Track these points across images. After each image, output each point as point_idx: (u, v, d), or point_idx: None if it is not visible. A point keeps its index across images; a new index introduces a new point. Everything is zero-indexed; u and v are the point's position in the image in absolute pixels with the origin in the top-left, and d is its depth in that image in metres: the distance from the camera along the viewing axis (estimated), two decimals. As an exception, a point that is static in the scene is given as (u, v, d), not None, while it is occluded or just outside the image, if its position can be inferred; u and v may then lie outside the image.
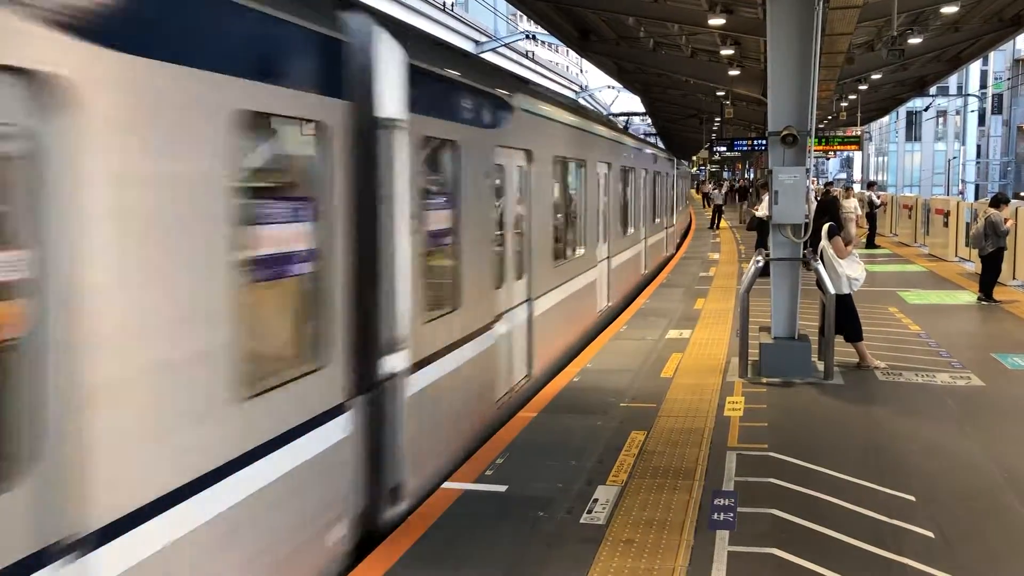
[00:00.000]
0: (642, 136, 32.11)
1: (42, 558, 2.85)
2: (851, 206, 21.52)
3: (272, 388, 4.17)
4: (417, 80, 5.58)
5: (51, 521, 2.89)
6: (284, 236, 4.41)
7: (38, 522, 2.84)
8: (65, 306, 2.94)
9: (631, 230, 16.20)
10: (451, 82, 6.58)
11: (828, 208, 9.89)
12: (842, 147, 32.81)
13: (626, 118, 33.44)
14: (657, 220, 21.24)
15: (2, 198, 2.86)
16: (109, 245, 3.12)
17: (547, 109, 9.64)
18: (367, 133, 5.03)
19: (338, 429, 4.75)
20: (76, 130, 2.95)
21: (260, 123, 4.17)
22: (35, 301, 2.88)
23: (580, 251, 11.37)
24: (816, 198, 10.77)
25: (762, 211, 16.61)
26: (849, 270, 9.33)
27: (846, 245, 9.50)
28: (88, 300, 3.02)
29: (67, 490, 2.94)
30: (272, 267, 4.34)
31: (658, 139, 53.63)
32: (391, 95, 5.20)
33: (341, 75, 4.79)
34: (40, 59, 2.82)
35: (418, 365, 5.69)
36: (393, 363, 5.26)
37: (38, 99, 2.84)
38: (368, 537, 5.10)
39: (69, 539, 2.94)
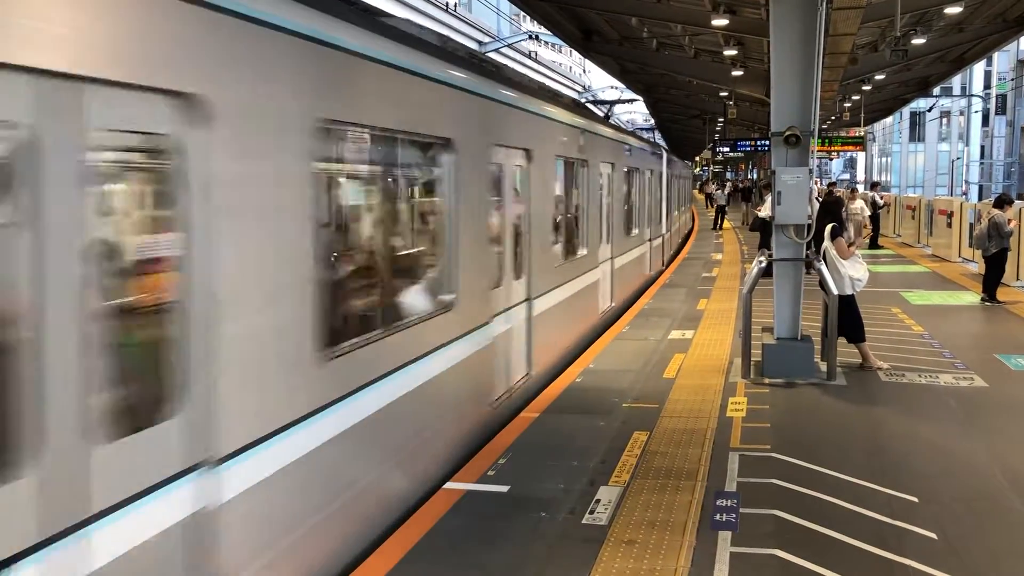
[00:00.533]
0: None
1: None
2: (857, 207, 21.29)
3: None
4: None
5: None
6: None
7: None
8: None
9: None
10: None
11: (831, 209, 9.88)
12: (845, 148, 32.82)
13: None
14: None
15: None
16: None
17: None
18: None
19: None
20: None
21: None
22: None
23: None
24: (819, 198, 10.75)
25: (765, 212, 16.61)
26: (852, 271, 9.32)
27: (848, 246, 9.50)
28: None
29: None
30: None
31: (655, 133, 53.56)
32: None
33: None
34: None
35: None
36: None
37: None
38: None
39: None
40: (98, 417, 3.12)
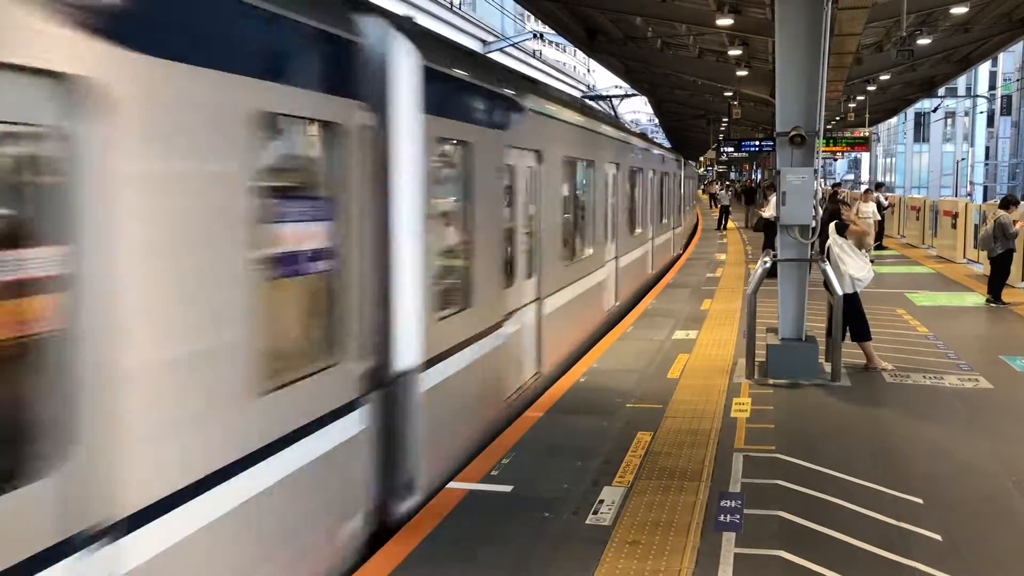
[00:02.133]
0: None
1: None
2: (869, 211, 20.31)
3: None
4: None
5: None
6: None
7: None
8: None
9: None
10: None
11: (835, 215, 9.96)
12: (850, 148, 32.72)
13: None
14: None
15: None
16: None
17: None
18: None
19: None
20: None
21: None
22: None
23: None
24: (824, 199, 10.75)
25: (769, 212, 16.58)
26: (853, 269, 9.29)
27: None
28: None
29: None
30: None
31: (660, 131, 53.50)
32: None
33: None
34: None
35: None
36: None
37: None
38: None
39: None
40: None
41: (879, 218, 21.79)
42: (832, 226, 9.61)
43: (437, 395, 5.89)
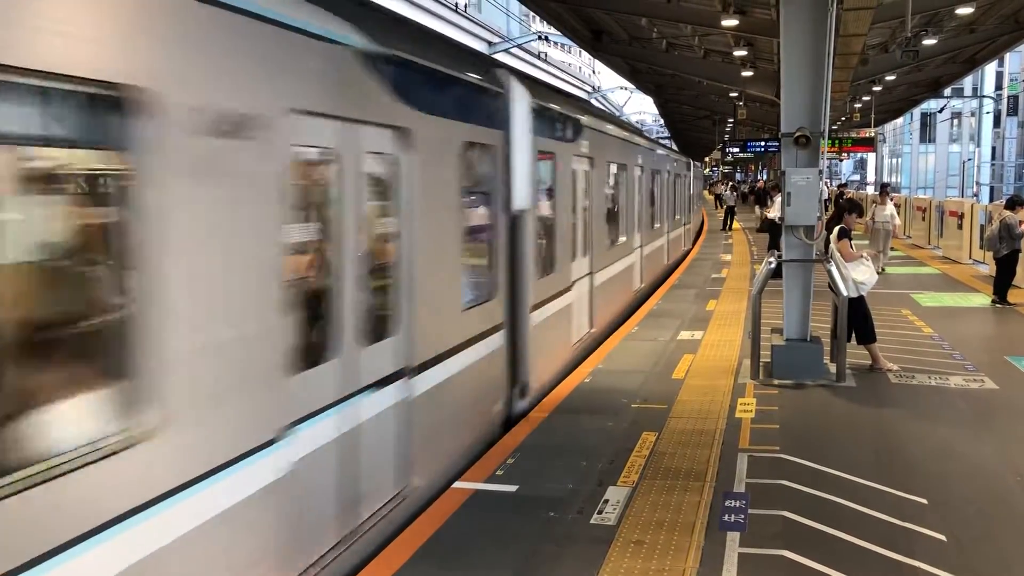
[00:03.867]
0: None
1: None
2: (887, 214, 18.24)
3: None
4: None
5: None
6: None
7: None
8: None
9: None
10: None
11: (840, 216, 9.98)
12: (855, 148, 32.72)
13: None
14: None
15: None
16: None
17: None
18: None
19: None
20: None
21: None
22: None
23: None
24: (829, 199, 10.76)
25: (774, 213, 16.58)
26: (855, 273, 9.28)
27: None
28: None
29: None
30: None
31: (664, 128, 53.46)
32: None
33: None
34: None
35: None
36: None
37: None
38: None
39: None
40: None
41: (898, 222, 19.39)
42: (835, 232, 9.61)
43: (539, 330, 8.33)
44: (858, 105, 33.39)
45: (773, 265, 9.46)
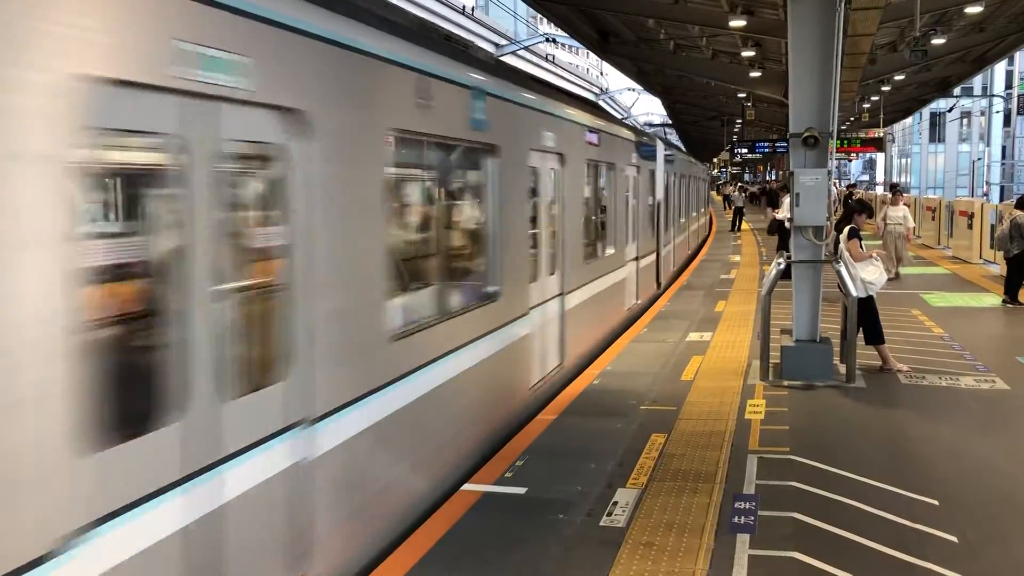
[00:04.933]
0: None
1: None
2: (899, 215, 17.72)
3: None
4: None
5: None
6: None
7: None
8: None
9: None
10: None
11: (849, 217, 9.94)
12: (864, 149, 32.60)
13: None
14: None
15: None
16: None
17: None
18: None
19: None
20: None
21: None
22: None
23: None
24: (838, 199, 10.73)
25: (782, 213, 16.54)
26: (864, 273, 9.24)
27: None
28: None
29: None
30: None
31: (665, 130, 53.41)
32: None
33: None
34: None
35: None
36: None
37: None
38: None
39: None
40: None
41: (912, 224, 18.54)
42: (845, 231, 9.57)
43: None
44: (867, 105, 33.30)
45: (782, 266, 9.43)
